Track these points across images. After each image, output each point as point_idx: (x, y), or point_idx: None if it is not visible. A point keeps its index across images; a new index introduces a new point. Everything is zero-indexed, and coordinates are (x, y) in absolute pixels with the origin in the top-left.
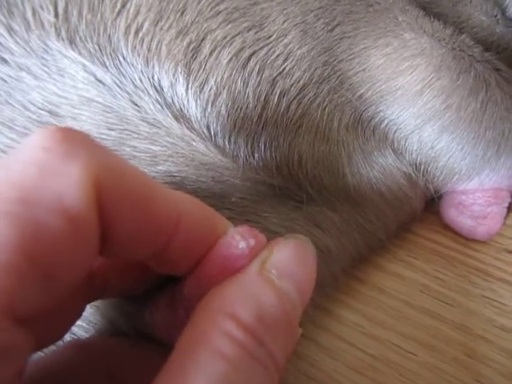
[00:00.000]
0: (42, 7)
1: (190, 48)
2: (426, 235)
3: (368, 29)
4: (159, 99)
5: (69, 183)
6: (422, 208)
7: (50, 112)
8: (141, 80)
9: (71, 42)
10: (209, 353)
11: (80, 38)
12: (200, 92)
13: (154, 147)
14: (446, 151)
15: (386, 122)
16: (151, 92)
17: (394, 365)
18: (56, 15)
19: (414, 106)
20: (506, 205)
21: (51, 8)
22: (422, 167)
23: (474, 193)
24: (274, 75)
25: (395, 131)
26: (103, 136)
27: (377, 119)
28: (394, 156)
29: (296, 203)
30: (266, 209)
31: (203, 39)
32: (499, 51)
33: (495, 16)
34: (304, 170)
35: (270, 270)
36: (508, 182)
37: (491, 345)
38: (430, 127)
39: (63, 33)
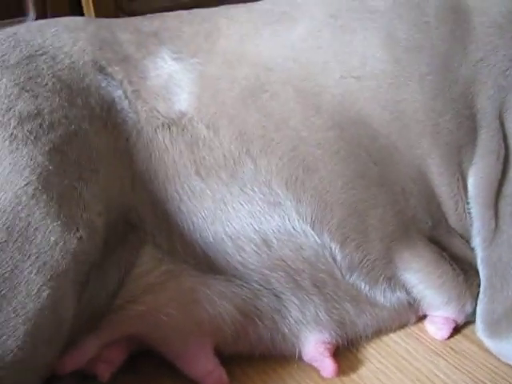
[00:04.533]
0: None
1: None
2: (416, 332)
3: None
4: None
5: None
6: (416, 320)
7: None
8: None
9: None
10: None
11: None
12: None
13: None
14: (427, 297)
15: (404, 280)
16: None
17: None
18: None
19: (418, 278)
20: (453, 325)
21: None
22: (417, 301)
23: (438, 317)
24: None
25: (407, 286)
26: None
27: (401, 278)
28: (405, 293)
29: None
30: None
31: None
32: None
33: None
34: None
35: None
36: (452, 315)
37: None
38: (422, 286)
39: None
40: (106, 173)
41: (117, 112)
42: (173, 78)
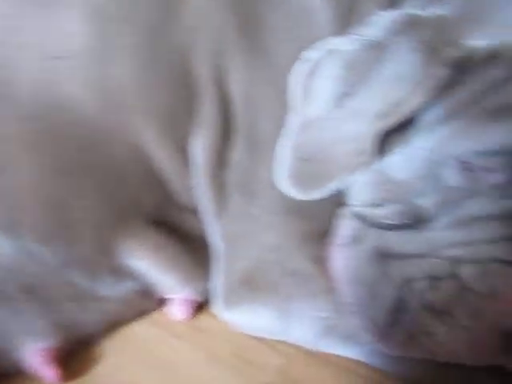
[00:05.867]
0: None
1: None
2: (157, 317)
3: None
4: None
5: None
6: (156, 305)
7: None
8: None
9: None
10: None
11: None
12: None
13: None
14: (159, 281)
15: (131, 268)
16: None
17: None
18: None
19: (146, 264)
20: (193, 305)
21: None
22: (150, 287)
23: (176, 299)
24: None
25: (135, 274)
26: None
27: (127, 267)
28: (134, 281)
29: None
30: None
31: None
32: None
33: None
34: None
35: None
36: (190, 295)
37: None
38: (151, 272)
39: None
40: None
41: None
42: None
